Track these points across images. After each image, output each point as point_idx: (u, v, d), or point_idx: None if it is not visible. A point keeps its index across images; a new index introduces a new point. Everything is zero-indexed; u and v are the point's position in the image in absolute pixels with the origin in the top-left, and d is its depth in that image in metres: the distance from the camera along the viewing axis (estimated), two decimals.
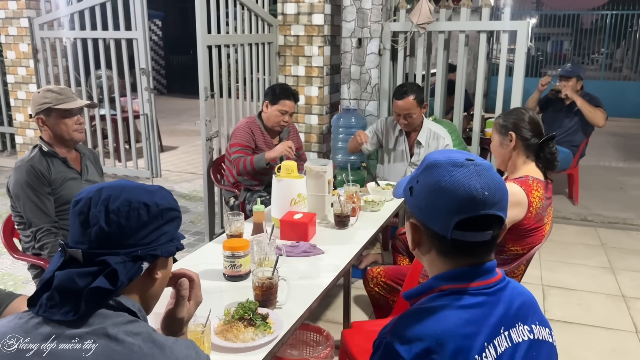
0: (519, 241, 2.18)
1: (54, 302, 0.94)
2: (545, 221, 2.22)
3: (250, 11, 4.16)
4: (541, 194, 2.16)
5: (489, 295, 1.04)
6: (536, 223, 2.16)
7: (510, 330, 1.03)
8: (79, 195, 1.04)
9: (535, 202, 2.13)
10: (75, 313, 0.93)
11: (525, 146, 2.23)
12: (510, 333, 1.03)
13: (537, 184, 2.17)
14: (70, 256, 0.99)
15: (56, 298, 0.94)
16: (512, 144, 2.23)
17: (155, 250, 1.03)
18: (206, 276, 2.05)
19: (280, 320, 1.69)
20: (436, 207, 1.03)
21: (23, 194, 2.27)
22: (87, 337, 0.92)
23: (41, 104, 2.29)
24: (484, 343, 0.99)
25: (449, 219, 1.01)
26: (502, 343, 1.01)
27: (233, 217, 2.31)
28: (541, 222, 2.19)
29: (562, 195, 5.18)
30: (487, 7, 4.09)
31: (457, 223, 1.00)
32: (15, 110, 6.05)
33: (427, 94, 4.81)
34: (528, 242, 2.19)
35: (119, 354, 0.91)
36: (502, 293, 1.06)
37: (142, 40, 4.78)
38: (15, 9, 5.61)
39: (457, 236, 1.02)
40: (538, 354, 1.06)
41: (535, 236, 2.19)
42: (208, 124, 3.64)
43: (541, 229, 2.20)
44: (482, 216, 1.01)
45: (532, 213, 2.12)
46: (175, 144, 7.85)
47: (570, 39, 12.85)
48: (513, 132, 2.22)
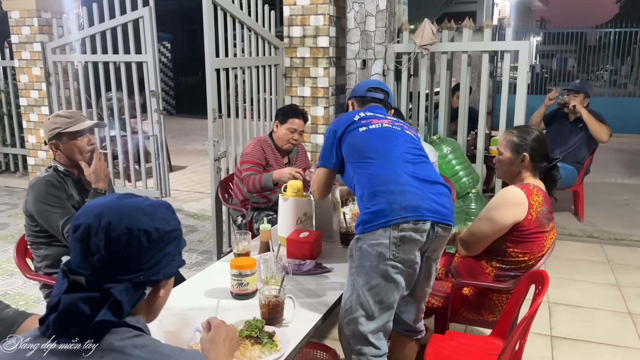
0: (519, 244, 2.26)
1: (59, 327, 0.97)
2: (547, 229, 2.28)
3: (257, 35, 4.26)
4: (541, 200, 2.25)
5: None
6: (537, 228, 2.23)
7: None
8: (77, 219, 1.05)
9: (535, 206, 2.21)
10: (80, 340, 0.96)
11: (533, 167, 2.33)
12: None
13: (538, 191, 2.26)
14: (74, 281, 1.01)
15: (62, 322, 0.97)
16: (524, 164, 2.32)
17: (157, 275, 1.05)
18: (214, 294, 2.10)
19: (286, 338, 1.73)
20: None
21: (43, 207, 2.30)
22: (95, 354, 0.96)
23: (52, 129, 2.36)
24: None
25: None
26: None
27: (240, 237, 2.36)
28: (542, 229, 2.25)
29: (567, 212, 5.20)
30: (488, 27, 4.17)
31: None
32: (27, 132, 6.17)
33: (430, 113, 4.89)
34: (528, 248, 2.26)
35: None
36: None
37: (151, 63, 4.88)
38: (29, 34, 5.76)
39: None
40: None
41: (535, 243, 2.25)
42: (216, 144, 3.71)
43: (541, 237, 2.26)
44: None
45: (532, 215, 2.20)
46: (184, 163, 7.94)
47: (575, 56, 12.93)
48: (527, 154, 2.31)
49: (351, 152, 2.11)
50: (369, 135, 2.11)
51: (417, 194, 1.95)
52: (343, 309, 2.04)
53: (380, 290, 1.96)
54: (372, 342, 2.00)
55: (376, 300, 1.96)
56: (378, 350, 2.01)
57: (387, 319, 2.02)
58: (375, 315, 1.98)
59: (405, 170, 2.00)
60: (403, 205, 1.91)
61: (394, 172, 1.99)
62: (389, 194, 1.94)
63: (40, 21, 5.69)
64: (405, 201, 1.92)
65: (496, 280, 2.34)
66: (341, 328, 2.06)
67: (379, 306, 1.98)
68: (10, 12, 5.81)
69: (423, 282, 2.11)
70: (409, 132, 2.19)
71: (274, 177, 3.23)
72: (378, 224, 1.92)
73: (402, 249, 1.92)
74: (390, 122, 2.18)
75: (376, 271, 1.94)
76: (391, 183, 1.96)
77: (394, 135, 2.12)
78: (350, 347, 2.03)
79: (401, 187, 1.95)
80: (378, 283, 1.95)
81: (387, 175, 1.99)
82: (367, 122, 2.14)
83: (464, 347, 2.26)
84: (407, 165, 2.03)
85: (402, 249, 1.92)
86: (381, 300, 1.97)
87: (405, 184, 1.96)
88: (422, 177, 2.02)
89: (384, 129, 2.13)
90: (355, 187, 2.10)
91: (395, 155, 2.05)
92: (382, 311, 1.98)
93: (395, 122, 2.20)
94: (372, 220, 1.94)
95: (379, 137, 2.10)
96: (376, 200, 1.95)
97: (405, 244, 1.92)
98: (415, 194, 1.95)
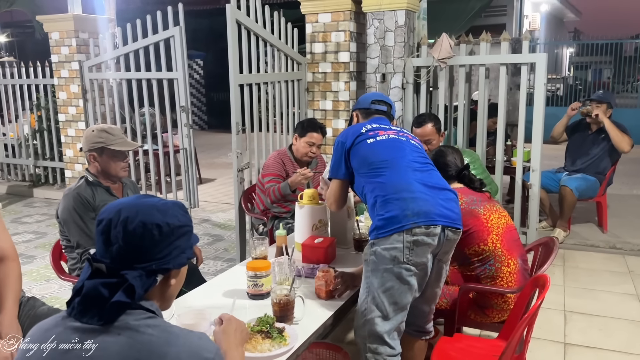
0: (468, 241, 2.41)
1: (82, 307, 1.13)
2: (481, 212, 2.45)
3: (280, 51, 4.44)
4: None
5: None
6: (469, 216, 2.39)
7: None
8: (101, 214, 1.21)
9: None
10: (99, 319, 1.12)
11: (447, 177, 2.48)
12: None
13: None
14: (97, 268, 1.18)
15: (85, 303, 1.13)
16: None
17: (167, 264, 1.21)
18: (232, 295, 2.23)
19: (295, 334, 1.85)
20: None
21: (70, 219, 2.53)
22: (113, 331, 1.11)
23: (95, 142, 2.56)
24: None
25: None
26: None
27: (258, 241, 2.50)
28: (474, 215, 2.43)
29: (591, 223, 5.17)
30: (505, 41, 4.25)
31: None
32: (65, 146, 6.50)
33: (450, 124, 4.96)
34: (477, 238, 2.42)
35: (140, 343, 1.10)
36: None
37: (182, 80, 5.12)
38: (67, 54, 6.10)
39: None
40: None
41: (478, 231, 2.42)
42: (239, 156, 3.89)
43: (479, 220, 2.43)
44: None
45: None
46: (213, 176, 8.18)
47: (610, 67, 12.72)
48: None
49: (361, 163, 2.23)
50: (377, 146, 2.23)
51: (428, 200, 2.07)
52: (359, 310, 2.14)
53: (394, 292, 2.06)
54: (388, 341, 2.10)
55: (391, 301, 2.07)
56: (393, 350, 2.11)
57: (401, 319, 2.12)
58: (390, 316, 2.08)
59: (414, 178, 2.12)
60: (415, 211, 2.03)
61: (405, 180, 2.11)
62: (401, 201, 2.06)
63: (78, 41, 6.02)
64: (417, 207, 2.04)
65: (481, 276, 2.47)
66: (357, 329, 2.16)
67: (394, 307, 2.08)
68: (51, 33, 6.17)
69: (433, 283, 2.21)
70: (413, 142, 2.30)
71: (290, 182, 3.40)
72: (392, 229, 2.03)
73: (415, 252, 2.03)
74: (395, 132, 2.30)
75: (391, 274, 2.05)
76: (402, 191, 2.08)
77: (400, 146, 2.24)
78: (366, 347, 2.13)
79: (412, 194, 2.07)
80: (393, 285, 2.05)
81: (398, 183, 2.11)
82: (374, 134, 2.26)
83: (470, 349, 2.34)
84: (415, 173, 2.14)
85: (415, 252, 2.03)
86: (396, 302, 2.07)
87: (416, 191, 2.08)
88: (431, 184, 2.14)
89: (391, 140, 2.25)
90: (366, 195, 2.21)
91: (403, 164, 2.17)
92: (396, 312, 2.09)
93: (400, 132, 2.32)
94: (386, 226, 2.05)
95: (387, 147, 2.22)
96: (389, 207, 2.07)
97: (418, 247, 2.03)
98: (425, 200, 2.07)
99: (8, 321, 2.04)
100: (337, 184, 2.37)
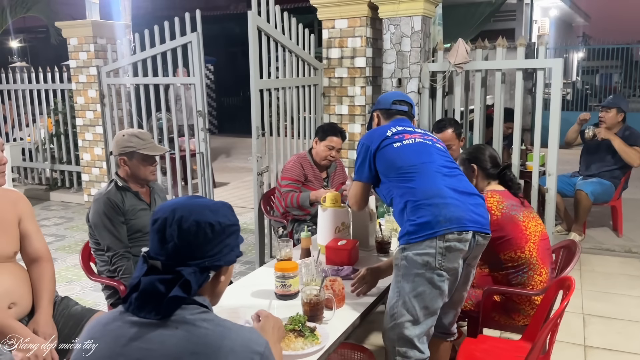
0: (505, 246, 2.46)
1: (140, 302, 1.18)
2: (521, 219, 2.48)
3: (298, 57, 4.50)
4: (499, 199, 2.48)
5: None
6: (509, 223, 2.43)
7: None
8: (156, 214, 1.26)
9: (495, 206, 2.45)
10: (157, 313, 1.17)
11: (486, 175, 2.62)
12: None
13: (492, 193, 2.51)
14: (152, 265, 1.23)
15: (142, 299, 1.18)
16: (475, 174, 2.64)
17: (219, 261, 1.26)
18: (259, 295, 2.29)
19: (326, 333, 1.90)
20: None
21: (100, 223, 2.59)
22: (170, 325, 1.16)
23: (126, 146, 2.62)
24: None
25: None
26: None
27: (283, 243, 2.56)
28: (514, 221, 2.46)
29: (606, 227, 5.19)
30: (521, 46, 4.29)
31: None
32: (82, 150, 6.58)
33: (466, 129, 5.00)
34: (514, 245, 2.45)
35: (197, 336, 1.15)
36: None
37: (199, 85, 5.19)
38: (86, 59, 6.19)
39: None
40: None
41: (516, 237, 2.45)
42: (259, 160, 3.94)
43: (518, 228, 2.46)
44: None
45: (496, 215, 2.43)
46: (227, 180, 8.25)
47: (619, 72, 12.71)
48: (475, 165, 2.63)
49: (388, 167, 2.24)
50: (404, 150, 2.24)
51: (459, 206, 2.09)
52: (388, 313, 2.17)
53: (426, 297, 2.09)
54: (418, 345, 2.12)
55: (422, 306, 2.09)
56: (422, 354, 2.14)
57: (431, 324, 2.15)
58: (420, 320, 2.11)
59: (444, 183, 2.14)
60: (447, 217, 2.05)
61: (435, 185, 2.13)
62: (433, 206, 2.08)
63: (97, 47, 6.11)
64: (449, 213, 2.06)
65: (512, 281, 2.50)
66: (386, 332, 2.19)
67: (425, 311, 2.10)
68: (69, 39, 6.25)
69: (461, 287, 2.24)
70: (439, 145, 2.33)
71: (311, 198, 3.44)
72: (424, 235, 2.06)
73: (447, 258, 2.06)
74: (421, 136, 2.32)
75: (423, 278, 2.07)
76: (434, 196, 2.10)
77: (428, 150, 2.26)
78: (395, 350, 2.15)
79: (444, 200, 2.09)
80: (424, 290, 2.08)
81: (429, 188, 2.12)
82: (400, 138, 2.28)
83: (495, 350, 2.37)
84: (445, 178, 2.17)
85: (448, 258, 2.06)
86: (426, 306, 2.10)
87: (447, 197, 2.10)
88: (461, 189, 2.16)
89: (418, 144, 2.27)
90: (394, 199, 2.23)
91: (432, 169, 2.19)
92: (427, 316, 2.11)
93: (425, 135, 2.34)
94: (418, 231, 2.07)
95: (414, 152, 2.24)
96: (421, 213, 2.09)
97: (451, 253, 2.06)
98: (457, 206, 2.09)
99: (44, 320, 2.10)
100: (360, 186, 2.40)
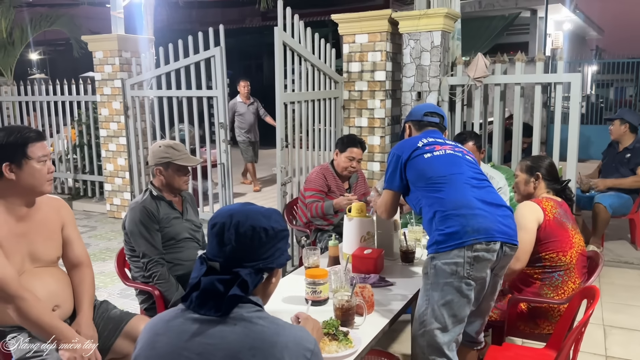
0: (548, 245, 2.54)
1: (200, 301, 1.28)
2: (569, 228, 2.58)
3: (320, 71, 4.61)
4: (553, 204, 2.59)
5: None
6: (558, 226, 2.53)
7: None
8: (214, 219, 1.36)
9: (549, 209, 2.56)
10: (217, 311, 1.26)
11: (547, 186, 2.73)
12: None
13: (547, 199, 2.62)
14: (210, 266, 1.33)
15: (203, 297, 1.28)
16: (538, 183, 2.74)
17: (272, 264, 1.36)
18: (290, 301, 2.37)
19: (358, 338, 1.97)
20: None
21: (137, 230, 2.69)
22: (229, 321, 1.26)
23: (162, 157, 2.73)
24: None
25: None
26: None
27: (310, 252, 2.63)
28: (563, 227, 2.56)
29: (624, 240, 5.21)
30: (540, 60, 4.37)
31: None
32: (105, 160, 6.73)
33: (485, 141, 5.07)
34: (557, 246, 2.54)
35: (254, 332, 1.24)
36: None
37: (221, 98, 5.32)
38: (110, 72, 6.36)
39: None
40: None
41: (561, 240, 2.54)
42: (283, 170, 4.04)
43: (566, 233, 2.55)
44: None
45: (549, 216, 2.53)
46: (244, 190, 8.35)
47: (633, 85, 12.71)
48: (540, 173, 2.74)
49: (418, 177, 2.32)
50: (435, 161, 2.32)
51: (487, 217, 2.16)
52: (417, 321, 2.23)
53: (454, 305, 2.15)
54: (447, 353, 2.18)
55: (450, 314, 2.16)
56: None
57: (459, 331, 2.21)
58: (449, 328, 2.17)
59: (473, 194, 2.21)
60: (475, 227, 2.12)
61: (464, 196, 2.20)
62: (461, 217, 2.15)
63: (121, 60, 6.27)
64: (477, 224, 2.13)
65: (545, 282, 2.57)
66: (415, 339, 2.25)
67: (453, 319, 2.17)
68: (95, 52, 6.43)
69: (489, 296, 2.31)
70: (469, 157, 2.40)
71: (335, 206, 3.54)
72: (453, 244, 2.12)
73: (475, 267, 2.12)
74: (451, 147, 2.40)
75: (451, 287, 2.14)
76: (463, 207, 2.17)
77: (457, 162, 2.33)
78: (425, 357, 2.21)
79: (472, 210, 2.16)
80: (452, 298, 2.15)
81: (458, 199, 2.19)
82: (431, 149, 2.35)
83: (520, 357, 2.42)
84: (474, 190, 2.24)
85: (476, 267, 2.12)
86: (455, 314, 2.16)
87: (476, 208, 2.17)
88: (489, 200, 2.23)
89: (448, 156, 2.34)
90: (422, 209, 2.30)
91: (461, 180, 2.25)
92: (455, 324, 2.18)
93: (455, 147, 2.42)
94: (446, 241, 2.14)
95: (445, 163, 2.31)
96: (450, 223, 2.15)
97: (479, 262, 2.13)
98: (485, 217, 2.15)
99: (85, 323, 2.20)
100: (390, 195, 2.47)
